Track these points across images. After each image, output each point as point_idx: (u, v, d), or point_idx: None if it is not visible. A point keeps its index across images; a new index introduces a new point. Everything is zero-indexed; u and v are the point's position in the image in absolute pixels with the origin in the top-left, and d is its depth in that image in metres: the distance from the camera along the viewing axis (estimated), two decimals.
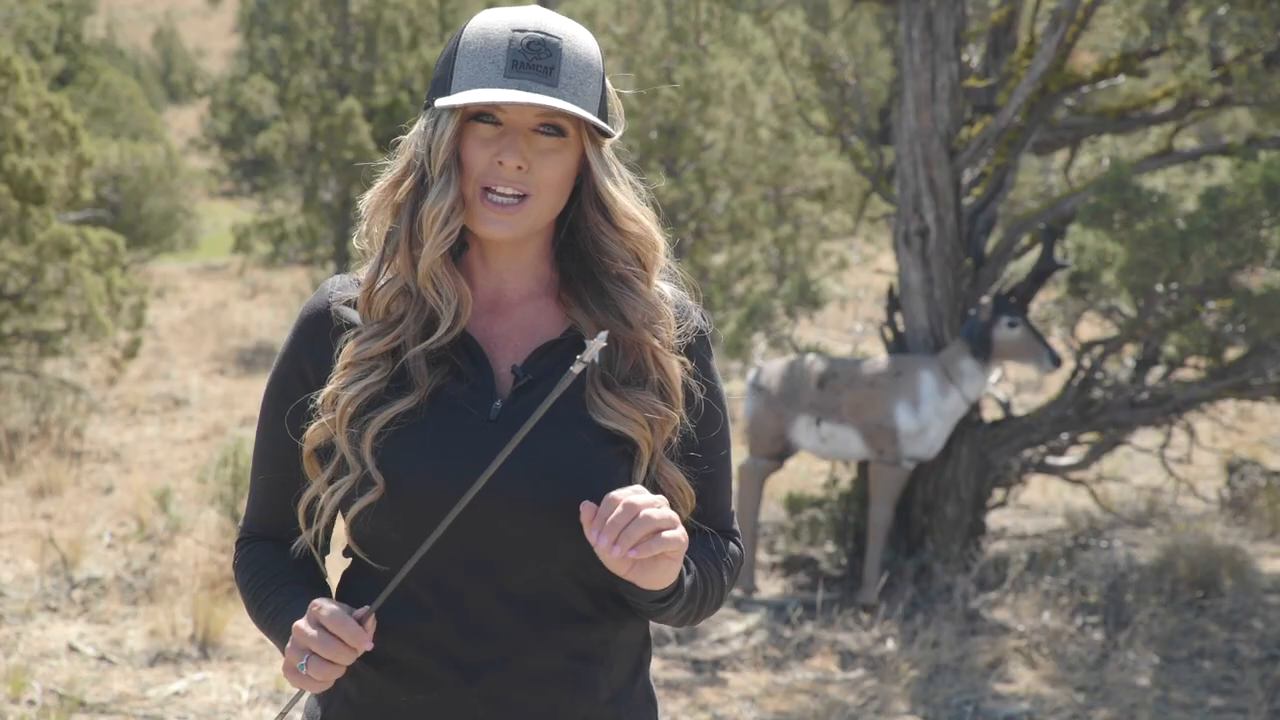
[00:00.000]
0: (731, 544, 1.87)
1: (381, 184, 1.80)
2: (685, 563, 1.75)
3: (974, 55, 6.72)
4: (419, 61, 15.66)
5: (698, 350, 1.85)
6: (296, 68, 15.87)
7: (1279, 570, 6.66)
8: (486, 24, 1.74)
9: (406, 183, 1.76)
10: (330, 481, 1.76)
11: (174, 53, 51.65)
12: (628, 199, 1.80)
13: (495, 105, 1.71)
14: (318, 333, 1.81)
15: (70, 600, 5.96)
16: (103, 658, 5.39)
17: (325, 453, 1.78)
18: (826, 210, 14.74)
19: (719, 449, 1.85)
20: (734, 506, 1.92)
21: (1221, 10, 5.85)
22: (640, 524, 1.61)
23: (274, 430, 1.84)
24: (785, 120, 12.61)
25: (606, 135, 1.76)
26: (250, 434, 7.50)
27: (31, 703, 4.87)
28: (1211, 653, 5.63)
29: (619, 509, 1.61)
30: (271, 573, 1.83)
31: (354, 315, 1.80)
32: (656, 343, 1.78)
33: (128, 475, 8.38)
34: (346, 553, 1.83)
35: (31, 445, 8.57)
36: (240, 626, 5.74)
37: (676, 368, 1.79)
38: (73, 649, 5.44)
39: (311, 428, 1.77)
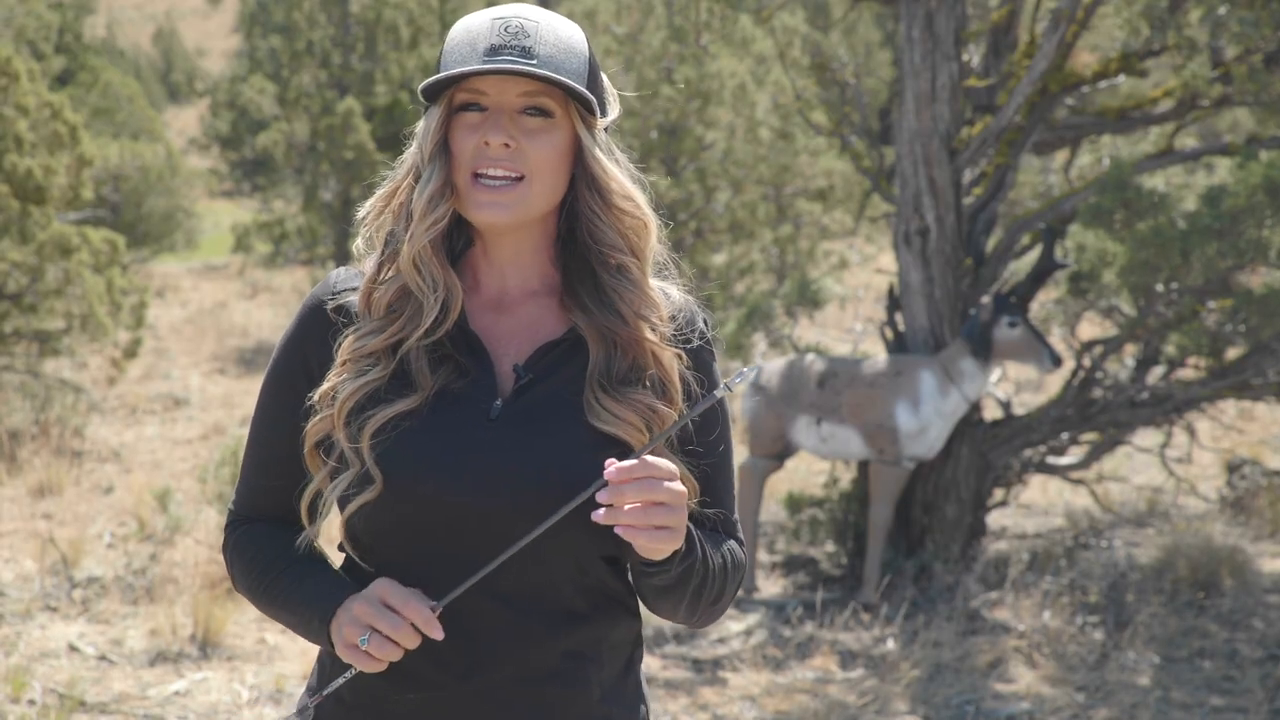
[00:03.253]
0: (732, 542, 1.86)
1: (381, 191, 1.82)
2: (688, 542, 1.73)
3: (974, 55, 6.72)
4: (419, 61, 15.65)
5: (702, 354, 1.85)
6: (296, 68, 15.87)
7: (1279, 570, 6.66)
8: (470, 19, 1.78)
9: (405, 183, 1.79)
10: (332, 477, 1.76)
11: (174, 53, 51.66)
12: (623, 178, 1.80)
13: (468, 78, 1.73)
14: (320, 324, 1.81)
15: (70, 600, 5.96)
16: (103, 657, 5.39)
17: (327, 447, 1.78)
18: (826, 210, 14.74)
19: (718, 447, 1.85)
20: (736, 514, 1.92)
21: (1221, 10, 5.85)
22: (643, 486, 1.61)
23: (271, 419, 1.84)
24: (785, 120, 12.61)
25: (591, 109, 1.76)
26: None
27: (31, 702, 4.87)
28: (1212, 653, 5.63)
29: (634, 462, 1.61)
30: (276, 551, 1.83)
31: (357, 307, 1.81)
32: (653, 338, 1.78)
33: (128, 475, 8.38)
34: (342, 547, 1.83)
35: (31, 445, 8.57)
36: (240, 626, 5.74)
37: (673, 361, 1.80)
38: (73, 649, 5.44)
39: (311, 423, 1.77)
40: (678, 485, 1.63)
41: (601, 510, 1.61)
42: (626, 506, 1.61)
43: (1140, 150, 8.47)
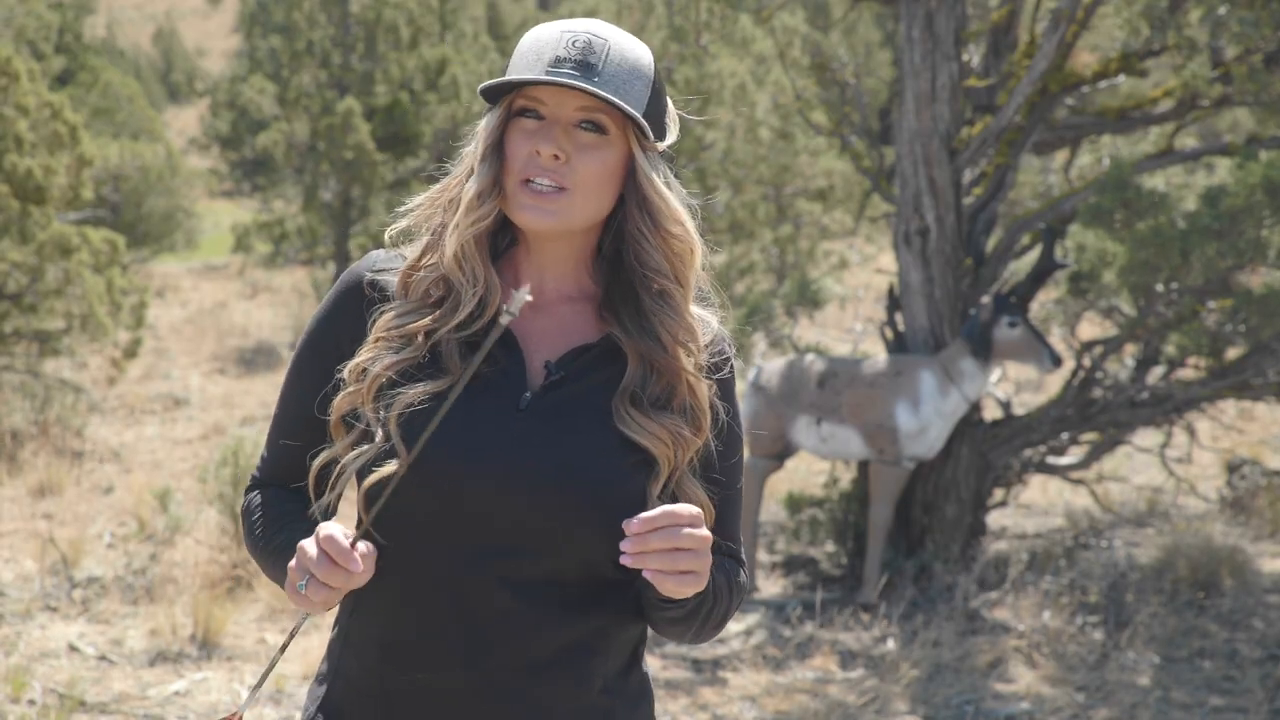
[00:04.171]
0: (741, 572, 1.89)
1: (438, 185, 1.85)
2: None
3: (974, 55, 6.72)
4: (419, 61, 15.65)
5: (728, 383, 1.88)
6: (296, 68, 15.87)
7: (1279, 570, 6.66)
8: (543, 28, 1.80)
9: (459, 178, 1.81)
10: (354, 447, 1.77)
11: (174, 53, 51.68)
12: (674, 202, 1.82)
13: (526, 87, 1.75)
14: (356, 298, 1.83)
15: (70, 600, 5.96)
16: (103, 657, 5.39)
17: (352, 420, 1.79)
18: (826, 210, 14.76)
19: (734, 475, 1.88)
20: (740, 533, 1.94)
21: (1221, 10, 5.85)
22: (668, 534, 1.63)
23: (299, 388, 1.86)
24: (785, 120, 12.62)
25: (645, 134, 1.78)
26: (251, 433, 7.51)
27: (32, 702, 4.87)
28: (1212, 653, 5.63)
29: (657, 513, 1.63)
30: (281, 510, 1.84)
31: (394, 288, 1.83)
32: (691, 368, 1.80)
33: (128, 475, 8.38)
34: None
35: (31, 445, 8.57)
36: (240, 626, 5.74)
37: (706, 391, 1.82)
38: (73, 649, 5.44)
39: (339, 396, 1.78)
40: (701, 530, 1.65)
41: (628, 556, 1.63)
42: (652, 552, 1.63)
43: (1140, 150, 8.48)
